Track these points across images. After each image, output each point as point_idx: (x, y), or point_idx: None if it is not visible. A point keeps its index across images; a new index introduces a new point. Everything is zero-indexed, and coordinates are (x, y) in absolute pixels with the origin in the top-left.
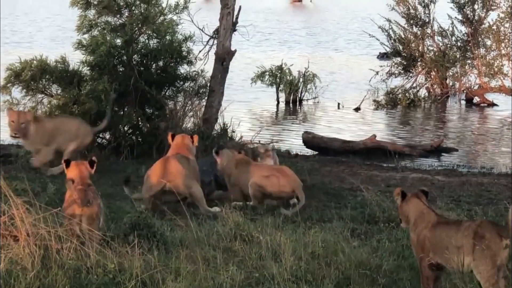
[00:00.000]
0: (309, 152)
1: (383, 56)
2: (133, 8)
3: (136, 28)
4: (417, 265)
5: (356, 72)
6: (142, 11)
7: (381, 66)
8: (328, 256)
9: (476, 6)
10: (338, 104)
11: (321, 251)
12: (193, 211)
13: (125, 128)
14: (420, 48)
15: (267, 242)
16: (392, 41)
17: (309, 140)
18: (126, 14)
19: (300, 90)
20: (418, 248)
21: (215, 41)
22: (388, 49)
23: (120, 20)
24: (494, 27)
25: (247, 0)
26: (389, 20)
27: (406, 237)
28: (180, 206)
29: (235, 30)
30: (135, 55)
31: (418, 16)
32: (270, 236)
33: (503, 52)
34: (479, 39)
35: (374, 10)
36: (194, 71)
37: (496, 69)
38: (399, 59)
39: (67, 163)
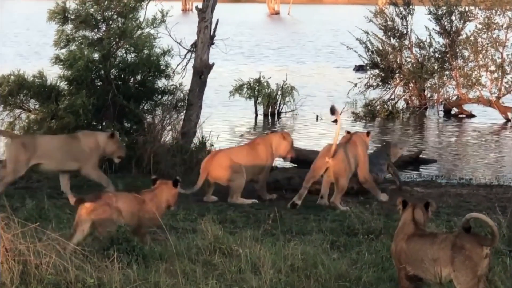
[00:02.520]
0: (287, 164)
1: (359, 69)
2: (111, 22)
3: (114, 42)
4: (397, 276)
5: (334, 84)
6: (120, 25)
7: (359, 78)
8: (307, 268)
9: (453, 18)
10: (317, 116)
11: (300, 263)
12: (172, 224)
13: None
14: (398, 59)
15: (246, 255)
16: (370, 53)
17: None
18: (104, 28)
19: (278, 102)
20: (396, 259)
21: (193, 55)
22: (366, 61)
23: (97, 35)
24: (472, 38)
25: (225, 13)
26: (366, 32)
27: (385, 249)
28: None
29: (212, 44)
30: (113, 69)
31: (396, 27)
32: (249, 249)
33: (480, 63)
34: (457, 50)
35: (352, 22)
36: (172, 84)
37: (474, 80)
38: (377, 71)
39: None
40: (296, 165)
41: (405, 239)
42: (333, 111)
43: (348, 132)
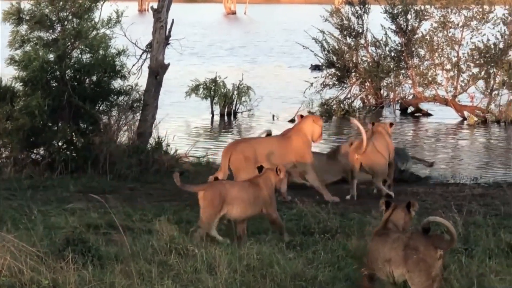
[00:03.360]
0: None
1: (315, 68)
2: (66, 23)
3: (69, 43)
4: (353, 275)
5: (290, 83)
6: (75, 26)
7: (315, 78)
8: (263, 268)
9: (409, 16)
10: (273, 116)
11: (256, 263)
12: (128, 225)
13: (60, 144)
14: (354, 58)
15: (202, 255)
16: (326, 52)
17: None
18: (59, 29)
19: (234, 102)
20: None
21: (149, 55)
22: (321, 61)
23: (52, 35)
24: (428, 37)
25: (181, 14)
26: (322, 32)
27: (341, 248)
28: (114, 221)
29: (168, 44)
30: (68, 70)
31: (352, 27)
32: (205, 249)
33: (436, 61)
34: (413, 49)
35: (308, 22)
36: (128, 85)
37: (430, 79)
38: (333, 70)
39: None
40: None
41: (371, 238)
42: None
43: (373, 124)
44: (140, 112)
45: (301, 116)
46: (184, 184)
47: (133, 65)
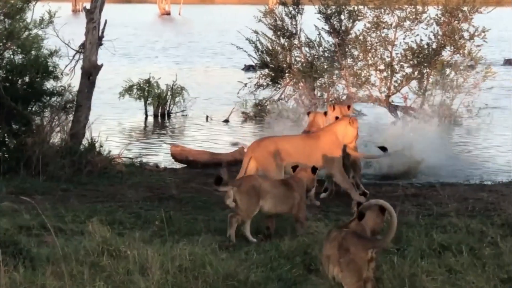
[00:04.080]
0: (178, 165)
1: (248, 68)
2: None
3: (1, 44)
4: (285, 276)
5: (223, 84)
6: (7, 26)
7: (249, 78)
8: (195, 269)
9: (342, 17)
10: (207, 116)
11: (188, 264)
12: (60, 226)
13: None
14: (288, 59)
15: (134, 256)
16: (259, 52)
17: (177, 153)
18: None
19: (168, 103)
20: None
21: (81, 56)
22: (255, 61)
23: None
24: (361, 37)
25: (114, 14)
26: (256, 32)
27: (274, 248)
28: (46, 222)
29: (101, 44)
30: (0, 71)
31: (285, 27)
32: (137, 250)
33: (370, 62)
34: (346, 49)
35: (242, 22)
36: (61, 86)
37: (363, 79)
38: (266, 70)
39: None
40: (186, 165)
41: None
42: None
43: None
44: (73, 113)
45: (333, 107)
46: (219, 186)
47: (66, 66)
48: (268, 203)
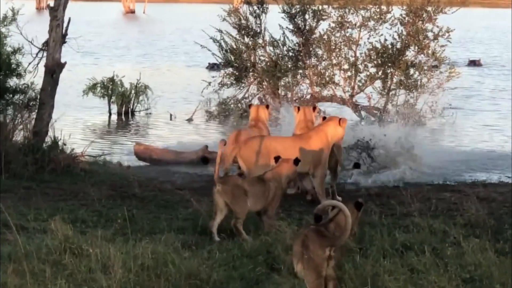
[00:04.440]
0: (141, 163)
1: (212, 67)
2: None
3: None
4: (248, 275)
5: (187, 83)
6: None
7: (213, 77)
8: (158, 267)
9: (307, 16)
10: (171, 115)
11: (151, 262)
12: (22, 224)
13: None
14: (252, 58)
15: (96, 254)
16: (224, 51)
17: (141, 151)
18: None
19: (132, 101)
20: None
21: (45, 53)
22: (219, 60)
23: None
24: (325, 37)
25: (79, 12)
26: (220, 31)
27: (237, 247)
28: (8, 220)
29: (65, 42)
30: None
31: (250, 26)
32: (100, 248)
33: (334, 61)
34: (311, 49)
35: (207, 21)
36: (24, 83)
37: (327, 79)
38: (231, 69)
39: None
40: (149, 163)
41: None
42: None
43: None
44: (36, 110)
45: (298, 108)
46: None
47: (29, 64)
48: (250, 202)
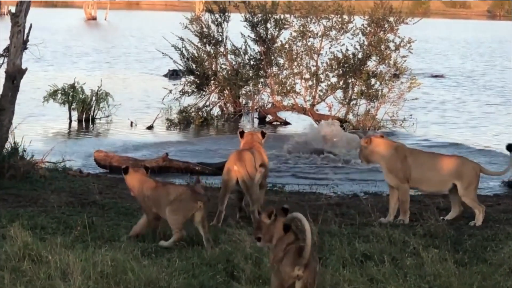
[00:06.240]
0: (101, 170)
1: (172, 74)
2: None
3: None
4: (207, 283)
5: (148, 90)
6: None
7: (174, 85)
8: (117, 275)
9: (269, 25)
10: (131, 122)
11: (110, 270)
12: None
13: None
14: (213, 66)
15: (56, 261)
16: (185, 59)
17: (101, 158)
18: None
19: (93, 108)
20: None
21: (6, 59)
22: (181, 68)
23: None
24: (287, 46)
25: (40, 18)
26: (182, 39)
27: (196, 255)
28: None
29: (26, 48)
30: None
31: (212, 34)
32: (59, 255)
33: (295, 70)
34: (272, 57)
35: (168, 28)
36: None
37: (288, 88)
38: (192, 77)
39: None
40: (109, 171)
41: None
42: None
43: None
44: None
45: (242, 133)
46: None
47: None
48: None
